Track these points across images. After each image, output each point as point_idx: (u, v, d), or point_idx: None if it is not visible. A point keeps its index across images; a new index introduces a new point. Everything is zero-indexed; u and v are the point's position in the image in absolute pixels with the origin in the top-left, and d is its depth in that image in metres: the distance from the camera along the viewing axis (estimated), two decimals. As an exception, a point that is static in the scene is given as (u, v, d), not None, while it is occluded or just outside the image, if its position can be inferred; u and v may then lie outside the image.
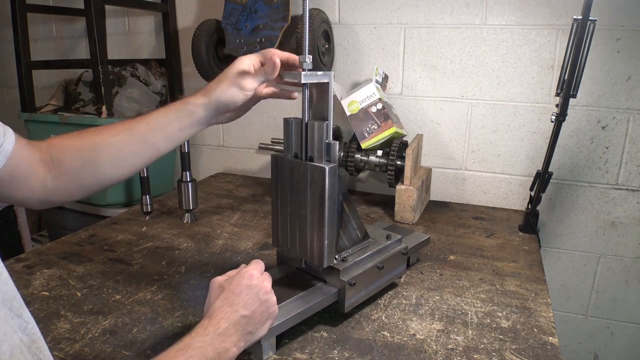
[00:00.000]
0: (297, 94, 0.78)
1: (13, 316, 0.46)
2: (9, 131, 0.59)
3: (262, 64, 0.71)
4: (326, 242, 0.75)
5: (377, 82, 1.35)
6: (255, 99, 0.75)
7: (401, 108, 1.52)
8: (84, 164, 0.66)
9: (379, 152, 1.37)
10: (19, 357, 0.44)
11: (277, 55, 0.70)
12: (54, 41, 2.02)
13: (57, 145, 0.66)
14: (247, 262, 0.71)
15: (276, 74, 0.70)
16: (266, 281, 0.67)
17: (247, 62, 0.69)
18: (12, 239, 1.53)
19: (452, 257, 1.08)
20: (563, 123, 1.12)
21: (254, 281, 0.65)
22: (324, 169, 0.71)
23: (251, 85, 0.70)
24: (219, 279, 0.66)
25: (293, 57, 0.72)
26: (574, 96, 1.08)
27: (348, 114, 1.33)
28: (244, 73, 0.69)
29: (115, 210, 1.50)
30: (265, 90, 0.75)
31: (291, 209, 0.79)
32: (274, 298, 0.66)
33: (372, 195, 1.56)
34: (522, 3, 1.33)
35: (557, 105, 1.15)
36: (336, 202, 0.75)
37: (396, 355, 0.71)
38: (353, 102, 1.32)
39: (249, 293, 0.63)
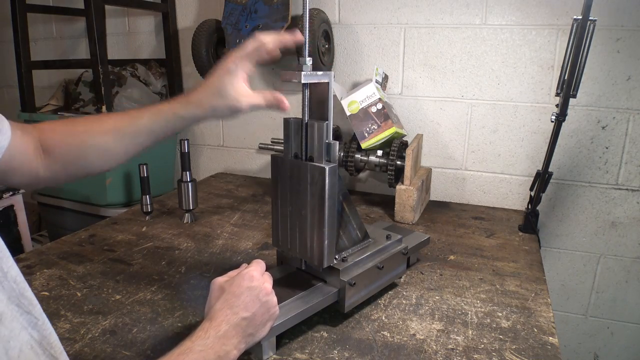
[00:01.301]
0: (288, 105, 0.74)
1: (22, 313, 0.47)
2: (5, 125, 0.59)
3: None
4: (326, 242, 0.75)
5: (377, 82, 1.35)
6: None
7: (401, 108, 1.52)
8: (72, 158, 0.67)
9: (379, 152, 1.37)
10: (29, 353, 0.44)
11: (267, 41, 0.67)
12: (54, 41, 2.02)
13: (47, 133, 0.66)
14: (248, 262, 0.71)
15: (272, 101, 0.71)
16: (267, 282, 0.66)
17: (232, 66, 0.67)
18: (12, 239, 1.53)
19: (452, 257, 1.08)
20: (563, 123, 1.12)
21: (254, 282, 0.64)
22: (324, 169, 0.71)
23: (253, 100, 0.69)
24: (220, 280, 0.66)
25: (283, 39, 0.69)
26: (574, 96, 1.08)
27: (348, 114, 1.33)
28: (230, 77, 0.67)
29: (115, 210, 1.50)
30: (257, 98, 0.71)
31: (291, 209, 0.79)
32: (274, 299, 0.66)
33: (372, 195, 1.56)
34: (522, 3, 1.33)
35: (557, 105, 1.15)
36: (336, 202, 0.75)
37: (396, 355, 0.72)
38: (353, 102, 1.32)
39: (249, 295, 0.63)
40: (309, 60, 0.72)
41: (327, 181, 0.72)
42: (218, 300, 0.63)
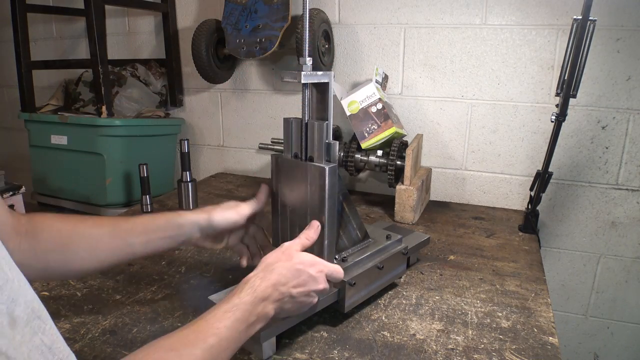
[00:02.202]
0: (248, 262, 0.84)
1: (34, 318, 0.47)
2: None
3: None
4: (326, 242, 0.75)
5: (377, 82, 1.35)
6: (237, 234, 0.83)
7: (401, 108, 1.52)
8: (57, 246, 0.65)
9: (379, 152, 1.37)
10: (39, 358, 0.44)
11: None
12: (54, 41, 2.02)
13: (38, 221, 0.65)
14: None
15: (264, 202, 0.80)
16: (325, 284, 0.69)
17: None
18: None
19: (452, 257, 1.08)
20: (563, 123, 1.12)
21: (319, 275, 0.67)
22: (324, 169, 0.71)
23: (245, 210, 0.77)
24: (292, 248, 0.69)
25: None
26: (574, 96, 1.08)
27: (348, 114, 1.33)
28: (239, 204, 0.78)
29: (115, 210, 1.50)
30: (233, 239, 0.82)
31: (291, 209, 0.79)
32: (316, 299, 0.69)
33: (372, 195, 1.56)
34: (522, 3, 1.33)
35: (557, 105, 1.15)
36: (336, 202, 0.75)
37: (396, 355, 0.72)
38: (353, 102, 1.32)
39: (306, 280, 0.66)
40: (309, 60, 0.72)
41: (327, 181, 0.72)
42: (281, 260, 0.65)
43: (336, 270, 0.71)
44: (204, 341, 0.52)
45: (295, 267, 0.65)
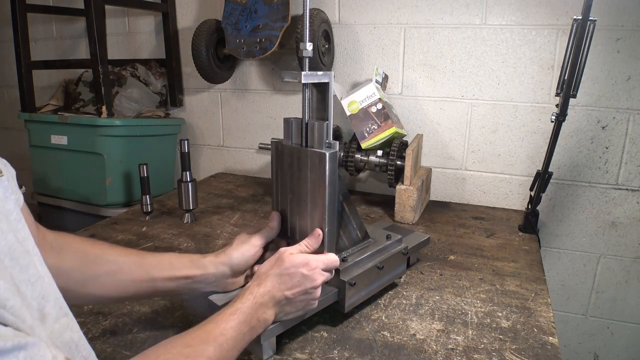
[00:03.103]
0: None
1: (63, 315, 0.49)
2: (21, 198, 0.56)
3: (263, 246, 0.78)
4: (326, 242, 0.75)
5: (377, 82, 1.35)
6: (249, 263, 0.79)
7: (401, 108, 1.52)
8: (80, 266, 0.65)
9: (379, 152, 1.37)
10: (67, 354, 0.45)
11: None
12: (54, 41, 2.02)
13: (65, 240, 0.66)
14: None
15: (277, 229, 0.80)
16: (322, 277, 0.69)
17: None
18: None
19: (452, 257, 1.08)
20: (563, 123, 1.12)
21: (311, 272, 0.68)
22: (324, 154, 0.71)
23: (258, 241, 0.77)
24: (287, 252, 0.69)
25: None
26: (574, 96, 1.08)
27: (348, 114, 1.33)
28: (252, 235, 0.77)
29: (115, 210, 1.50)
30: (249, 270, 0.79)
31: (291, 197, 0.79)
32: (318, 293, 0.70)
33: (372, 195, 1.56)
34: (522, 3, 1.33)
35: (557, 105, 1.15)
36: (336, 189, 0.74)
37: (396, 355, 0.72)
38: (353, 102, 1.32)
39: (300, 280, 0.67)
40: (309, 45, 0.72)
41: (327, 167, 0.71)
42: (274, 268, 0.67)
43: (329, 259, 0.71)
44: (214, 339, 0.57)
45: (286, 272, 0.67)
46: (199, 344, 0.55)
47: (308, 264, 0.68)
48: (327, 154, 0.71)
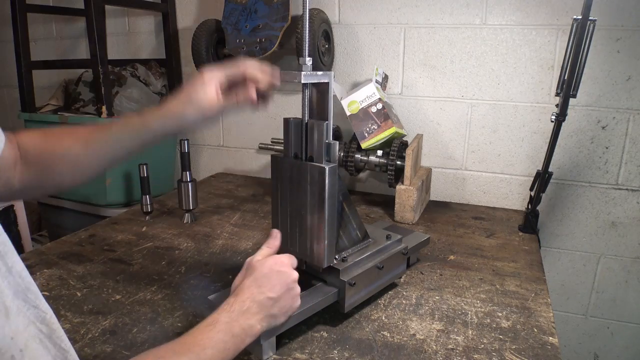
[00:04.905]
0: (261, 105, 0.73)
1: (29, 307, 0.47)
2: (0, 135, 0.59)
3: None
4: (326, 242, 0.75)
5: (377, 82, 1.35)
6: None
7: (401, 108, 1.52)
8: (44, 167, 0.67)
9: (379, 152, 1.37)
10: (38, 347, 0.44)
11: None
12: (54, 41, 2.02)
13: (24, 139, 0.66)
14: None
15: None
16: (295, 273, 0.69)
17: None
18: (12, 239, 1.53)
19: (452, 257, 1.08)
20: (563, 123, 1.12)
21: (284, 268, 0.68)
22: (324, 169, 0.71)
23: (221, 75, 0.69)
24: (253, 260, 0.69)
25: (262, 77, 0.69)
26: (574, 96, 1.08)
27: (348, 114, 1.33)
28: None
29: (115, 210, 1.50)
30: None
31: (291, 209, 0.79)
32: (299, 289, 0.69)
33: (372, 195, 1.56)
34: (522, 3, 1.33)
35: (557, 105, 1.15)
36: (336, 202, 0.75)
37: (396, 355, 0.72)
38: (353, 102, 1.32)
39: (278, 278, 0.66)
40: (309, 60, 0.72)
41: (327, 181, 0.72)
42: (247, 278, 0.66)
43: (290, 257, 0.71)
44: (189, 350, 0.56)
45: (261, 276, 0.66)
46: (172, 355, 0.54)
47: (277, 262, 0.68)
48: (327, 168, 0.71)
